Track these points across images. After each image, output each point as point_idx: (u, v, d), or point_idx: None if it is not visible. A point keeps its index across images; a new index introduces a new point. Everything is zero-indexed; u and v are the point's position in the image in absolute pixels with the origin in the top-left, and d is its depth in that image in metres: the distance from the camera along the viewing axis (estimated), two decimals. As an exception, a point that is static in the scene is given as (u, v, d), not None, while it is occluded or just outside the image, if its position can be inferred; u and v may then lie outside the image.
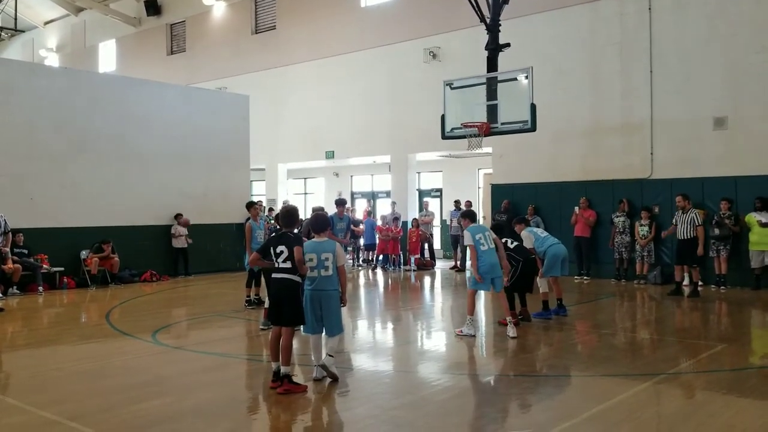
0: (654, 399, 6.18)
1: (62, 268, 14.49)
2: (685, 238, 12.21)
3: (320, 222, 6.71)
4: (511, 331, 8.61)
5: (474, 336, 8.71)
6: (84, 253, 14.81)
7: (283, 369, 6.09)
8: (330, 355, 6.41)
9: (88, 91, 15.72)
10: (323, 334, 6.49)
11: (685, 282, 13.74)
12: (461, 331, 8.78)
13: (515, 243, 9.72)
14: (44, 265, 14.11)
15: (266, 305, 8.81)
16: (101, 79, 18.74)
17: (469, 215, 9.33)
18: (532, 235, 10.18)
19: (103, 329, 9.90)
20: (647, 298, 12.67)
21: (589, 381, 6.75)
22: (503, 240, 9.37)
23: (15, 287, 13.37)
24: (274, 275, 6.28)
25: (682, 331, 9.79)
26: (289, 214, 6.52)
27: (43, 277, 13.91)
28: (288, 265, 6.15)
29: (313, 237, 6.56)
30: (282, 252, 6.18)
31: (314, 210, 12.65)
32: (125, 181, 16.00)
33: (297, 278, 6.21)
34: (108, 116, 15.82)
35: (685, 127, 14.39)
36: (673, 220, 12.64)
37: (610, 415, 5.57)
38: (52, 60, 31.74)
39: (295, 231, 6.45)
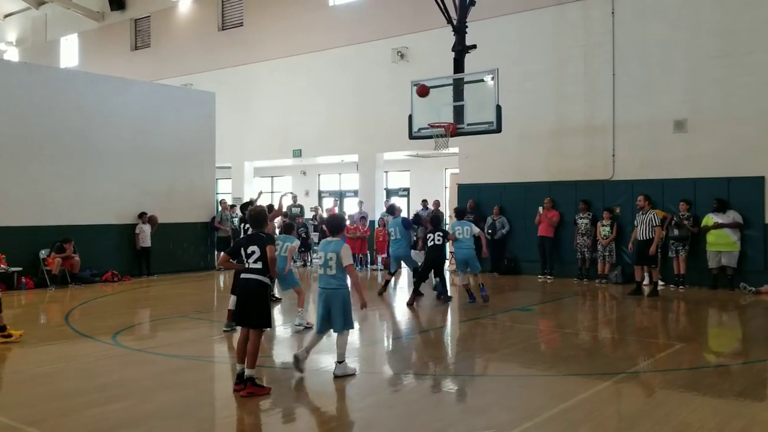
0: (614, 398, 6.30)
1: (20, 268, 14.14)
2: (644, 239, 12.41)
3: (336, 222, 7.02)
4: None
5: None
6: (44, 253, 14.50)
7: (247, 372, 6.06)
8: (339, 362, 6.71)
9: (48, 87, 15.36)
10: (325, 334, 6.87)
11: (645, 282, 14.02)
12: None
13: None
14: (1, 265, 13.76)
15: (230, 306, 8.75)
16: (62, 75, 18.35)
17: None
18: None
19: (62, 331, 9.72)
20: (608, 297, 12.88)
21: (551, 380, 6.84)
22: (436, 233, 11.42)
23: (-29, 287, 13.03)
24: (243, 275, 6.27)
25: (642, 331, 9.97)
26: (259, 215, 6.54)
27: (0, 277, 13.58)
28: (258, 265, 6.16)
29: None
30: (253, 252, 6.18)
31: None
32: (86, 179, 15.71)
33: (266, 279, 6.22)
34: (69, 112, 15.50)
35: (646, 130, 14.66)
36: (635, 223, 12.84)
37: (572, 414, 5.66)
38: (12, 54, 31.01)
39: (265, 231, 6.50)
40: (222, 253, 6.73)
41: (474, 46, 13.66)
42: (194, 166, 18.20)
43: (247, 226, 10.38)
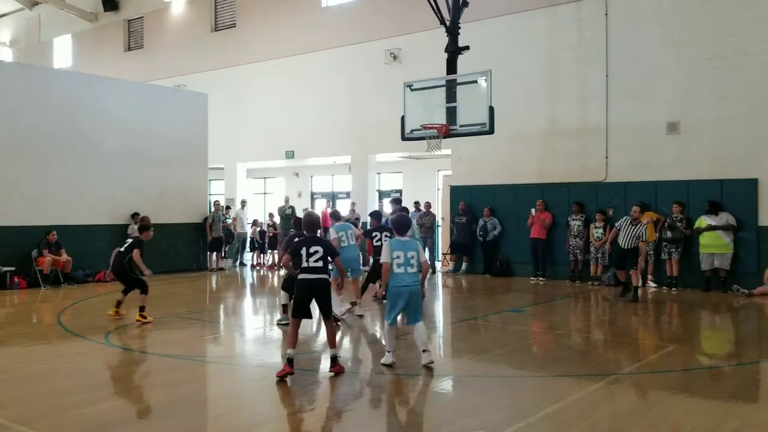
0: (607, 399, 6.29)
1: (13, 268, 14.08)
2: (627, 247, 12.15)
3: (405, 223, 7.26)
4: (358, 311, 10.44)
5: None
6: (35, 253, 14.42)
7: (332, 351, 6.85)
8: (425, 350, 7.08)
9: (41, 87, 15.31)
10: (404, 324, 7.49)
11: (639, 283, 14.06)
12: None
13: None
14: (-6, 265, 13.72)
15: (283, 301, 9.65)
16: (55, 75, 18.26)
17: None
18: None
19: (54, 330, 9.67)
20: (601, 299, 12.89)
21: (543, 381, 6.84)
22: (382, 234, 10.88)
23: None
24: (306, 275, 6.75)
25: (634, 332, 9.98)
26: (316, 220, 7.31)
27: (-8, 278, 13.53)
28: (320, 264, 6.75)
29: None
30: (316, 252, 6.75)
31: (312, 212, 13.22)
32: (79, 179, 15.65)
33: (327, 277, 6.88)
34: (62, 113, 15.45)
35: (639, 132, 14.69)
36: (617, 225, 12.61)
37: (564, 414, 5.65)
38: (5, 55, 30.86)
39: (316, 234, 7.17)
40: (285, 254, 7.24)
41: (467, 48, 13.68)
42: (187, 166, 18.14)
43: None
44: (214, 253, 18.65)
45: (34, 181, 14.84)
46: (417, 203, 18.39)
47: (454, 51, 13.66)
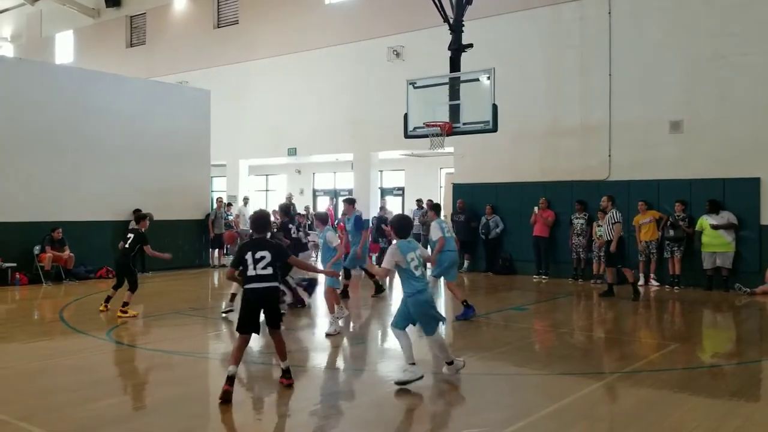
0: (609, 397, 6.29)
1: (14, 264, 14.09)
2: (610, 239, 12.17)
3: (408, 225, 6.66)
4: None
5: (337, 332, 8.74)
6: (37, 249, 14.43)
7: (284, 364, 6.21)
8: (450, 362, 6.72)
9: (43, 83, 15.30)
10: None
11: (641, 282, 14.06)
12: (336, 330, 8.79)
13: None
14: (-5, 261, 13.73)
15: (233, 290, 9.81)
16: (57, 71, 18.26)
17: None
18: (441, 230, 9.98)
19: (56, 326, 9.67)
20: (604, 296, 12.84)
21: (545, 379, 6.83)
22: None
23: (-36, 283, 13.00)
24: (253, 285, 5.97)
25: (637, 331, 9.97)
26: (262, 219, 6.47)
27: (-8, 273, 13.54)
28: (269, 271, 5.97)
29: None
30: (263, 258, 5.97)
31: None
32: (81, 176, 15.65)
33: (277, 285, 6.13)
34: (64, 109, 15.44)
35: (642, 130, 14.67)
36: (600, 223, 12.69)
37: (566, 413, 5.65)
38: (7, 50, 30.87)
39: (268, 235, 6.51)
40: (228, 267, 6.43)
41: (470, 45, 13.63)
42: (189, 163, 18.14)
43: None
44: (216, 250, 18.66)
45: (35, 178, 14.84)
46: (419, 201, 18.38)
47: (457, 49, 13.61)
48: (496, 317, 10.53)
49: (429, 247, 11.05)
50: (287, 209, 10.27)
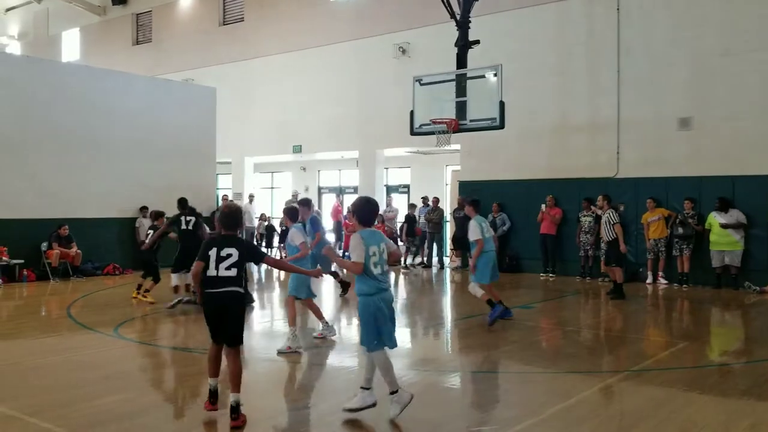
0: (617, 396, 6.26)
1: (22, 261, 14.13)
2: (608, 239, 11.93)
3: (373, 210, 5.62)
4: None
5: (299, 351, 7.55)
6: (45, 245, 14.47)
7: (234, 397, 5.13)
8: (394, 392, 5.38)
9: (50, 81, 15.34)
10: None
11: (649, 280, 14.01)
12: (289, 348, 7.53)
13: None
14: (3, 257, 13.76)
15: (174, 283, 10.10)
16: (64, 69, 18.31)
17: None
18: (480, 230, 9.24)
19: (63, 323, 9.69)
20: (611, 295, 12.78)
21: (553, 378, 6.80)
22: None
23: (-29, 280, 13.07)
24: (213, 289, 5.16)
25: (645, 329, 9.93)
26: (234, 213, 5.49)
27: (2, 270, 13.59)
28: (232, 273, 5.14)
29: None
30: (229, 256, 5.15)
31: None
32: (88, 173, 15.68)
33: (242, 290, 5.29)
34: (71, 106, 15.47)
35: (651, 127, 14.59)
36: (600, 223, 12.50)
37: (574, 411, 5.61)
38: (14, 48, 30.92)
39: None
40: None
41: (477, 42, 13.61)
42: (195, 161, 18.15)
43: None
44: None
45: (43, 175, 14.87)
46: (425, 198, 18.35)
47: (464, 45, 13.59)
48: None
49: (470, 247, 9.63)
50: (293, 213, 9.36)
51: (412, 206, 18.31)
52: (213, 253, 5.15)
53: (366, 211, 5.50)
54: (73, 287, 13.48)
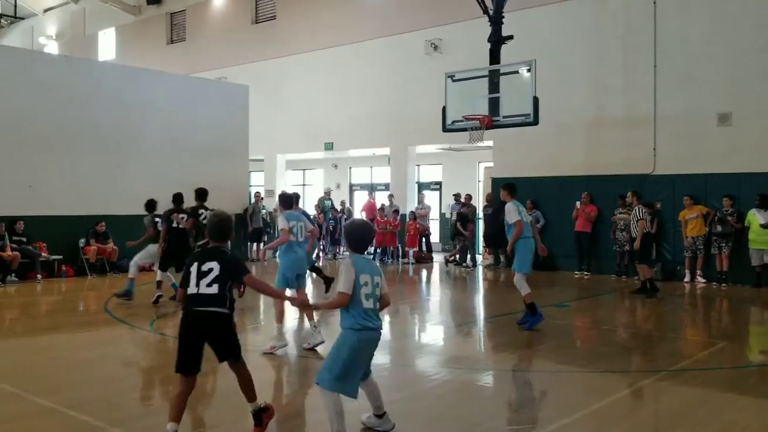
0: (654, 396, 6.14)
1: (60, 256, 14.42)
2: (635, 237, 11.81)
3: (366, 237, 4.83)
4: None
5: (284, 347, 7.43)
6: (82, 242, 14.74)
7: (253, 406, 4.89)
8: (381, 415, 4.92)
9: (87, 80, 15.61)
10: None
11: (686, 279, 13.76)
12: (273, 348, 7.34)
13: None
14: (43, 253, 14.06)
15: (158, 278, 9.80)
16: (100, 68, 18.61)
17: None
18: (517, 212, 8.68)
19: (101, 317, 9.85)
20: (648, 293, 12.58)
21: (588, 377, 6.71)
22: None
23: (13, 275, 13.34)
24: (195, 307, 4.58)
25: (683, 328, 9.75)
26: (223, 223, 4.82)
27: (41, 265, 13.87)
28: (214, 290, 4.53)
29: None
30: (211, 271, 4.57)
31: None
32: (124, 171, 15.91)
33: (227, 310, 4.66)
34: (107, 105, 15.72)
35: (688, 123, 14.31)
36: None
37: (611, 411, 5.53)
38: (52, 48, 31.56)
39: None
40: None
41: (511, 37, 13.48)
42: (228, 158, 18.30)
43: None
44: (255, 244, 18.83)
45: (80, 172, 15.14)
46: (457, 195, 18.26)
47: (497, 41, 13.47)
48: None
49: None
50: (283, 200, 8.46)
51: (465, 204, 17.87)
52: (194, 268, 4.58)
53: (359, 236, 4.72)
54: (109, 283, 13.70)
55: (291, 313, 9.94)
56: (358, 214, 20.93)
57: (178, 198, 11.42)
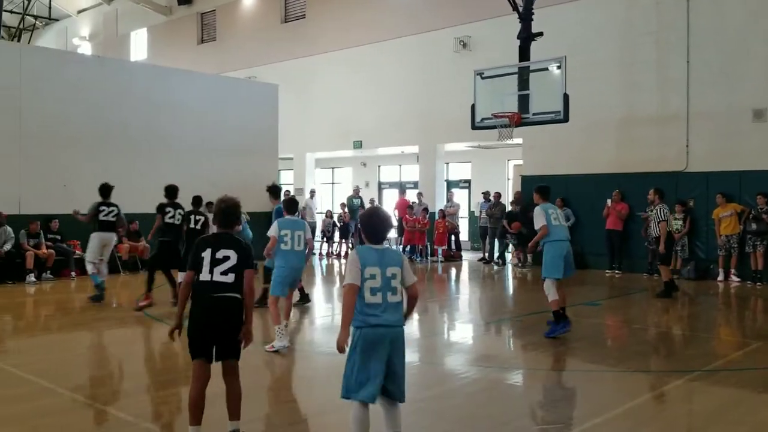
0: (687, 396, 6.06)
1: (94, 254, 14.64)
2: (656, 235, 11.45)
3: (381, 227, 4.29)
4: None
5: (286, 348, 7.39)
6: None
7: (233, 426, 4.49)
8: None
9: (119, 80, 15.84)
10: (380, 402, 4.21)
11: (720, 278, 13.51)
12: (272, 347, 7.33)
13: None
14: (77, 251, 14.30)
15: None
16: (132, 68, 18.86)
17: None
18: (545, 216, 8.20)
19: (133, 314, 9.99)
20: (680, 293, 12.37)
21: (620, 376, 6.63)
22: None
23: (48, 272, 13.63)
24: (211, 294, 4.36)
25: (716, 328, 9.59)
26: (233, 209, 4.70)
27: (75, 263, 14.11)
28: (230, 279, 4.36)
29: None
30: (227, 259, 4.39)
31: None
32: (155, 170, 16.07)
33: (240, 296, 4.44)
34: (139, 105, 15.93)
35: (722, 119, 14.05)
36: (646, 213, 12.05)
37: (643, 411, 5.47)
38: (85, 48, 32.12)
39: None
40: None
41: (540, 34, 13.38)
42: (258, 157, 18.42)
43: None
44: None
45: (112, 172, 15.27)
46: (486, 193, 18.17)
47: (526, 37, 13.38)
48: (567, 312, 10.27)
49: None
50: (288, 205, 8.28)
51: (514, 203, 17.54)
52: (207, 254, 4.38)
53: (372, 225, 4.24)
54: (142, 280, 13.86)
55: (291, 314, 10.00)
56: (391, 213, 20.93)
57: (197, 200, 11.87)
